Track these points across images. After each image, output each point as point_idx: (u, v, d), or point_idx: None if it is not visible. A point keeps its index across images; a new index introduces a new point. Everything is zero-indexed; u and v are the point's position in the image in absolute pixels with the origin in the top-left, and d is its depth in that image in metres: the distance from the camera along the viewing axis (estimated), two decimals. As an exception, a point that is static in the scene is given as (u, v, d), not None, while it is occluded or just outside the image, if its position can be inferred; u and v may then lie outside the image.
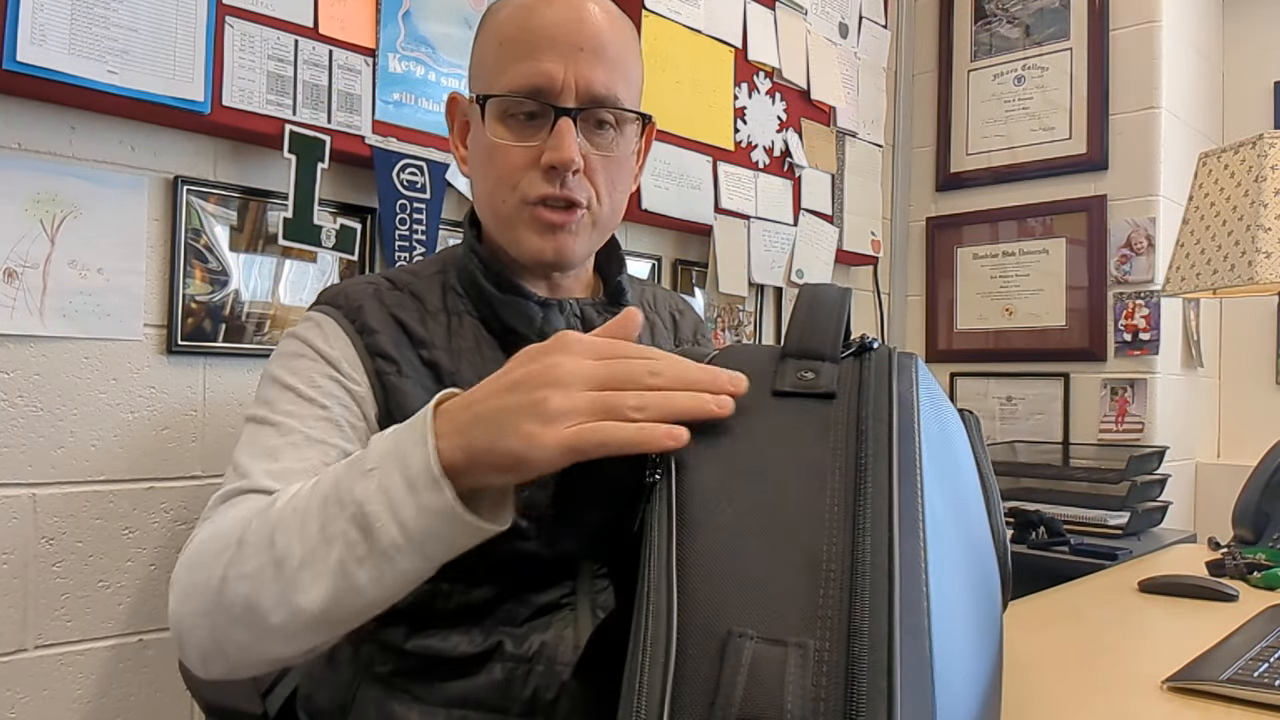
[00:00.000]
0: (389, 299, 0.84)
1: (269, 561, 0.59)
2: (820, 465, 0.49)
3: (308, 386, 0.77)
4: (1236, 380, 2.49)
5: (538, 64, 0.78)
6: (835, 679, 0.41)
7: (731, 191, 1.91)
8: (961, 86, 2.51)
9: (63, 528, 1.10)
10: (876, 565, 0.45)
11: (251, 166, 1.25)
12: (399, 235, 1.37)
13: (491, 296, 0.84)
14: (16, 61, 0.99)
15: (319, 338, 0.80)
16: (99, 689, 1.12)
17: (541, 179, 0.80)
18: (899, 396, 0.52)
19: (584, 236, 0.84)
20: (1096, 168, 2.25)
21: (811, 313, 0.57)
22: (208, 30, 1.15)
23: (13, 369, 1.06)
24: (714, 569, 0.46)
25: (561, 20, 0.79)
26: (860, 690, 0.41)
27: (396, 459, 0.57)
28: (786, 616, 0.44)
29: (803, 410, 0.53)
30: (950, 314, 2.50)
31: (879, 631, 0.42)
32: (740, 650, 0.42)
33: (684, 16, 1.80)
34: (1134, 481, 1.95)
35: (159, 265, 1.17)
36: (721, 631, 0.43)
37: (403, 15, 1.37)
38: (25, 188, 1.06)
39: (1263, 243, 1.51)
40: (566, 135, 0.78)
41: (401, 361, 0.80)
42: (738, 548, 0.46)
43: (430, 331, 0.83)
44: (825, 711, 0.41)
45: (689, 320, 1.06)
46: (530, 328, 0.83)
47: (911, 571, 0.45)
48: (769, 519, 0.47)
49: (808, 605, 0.44)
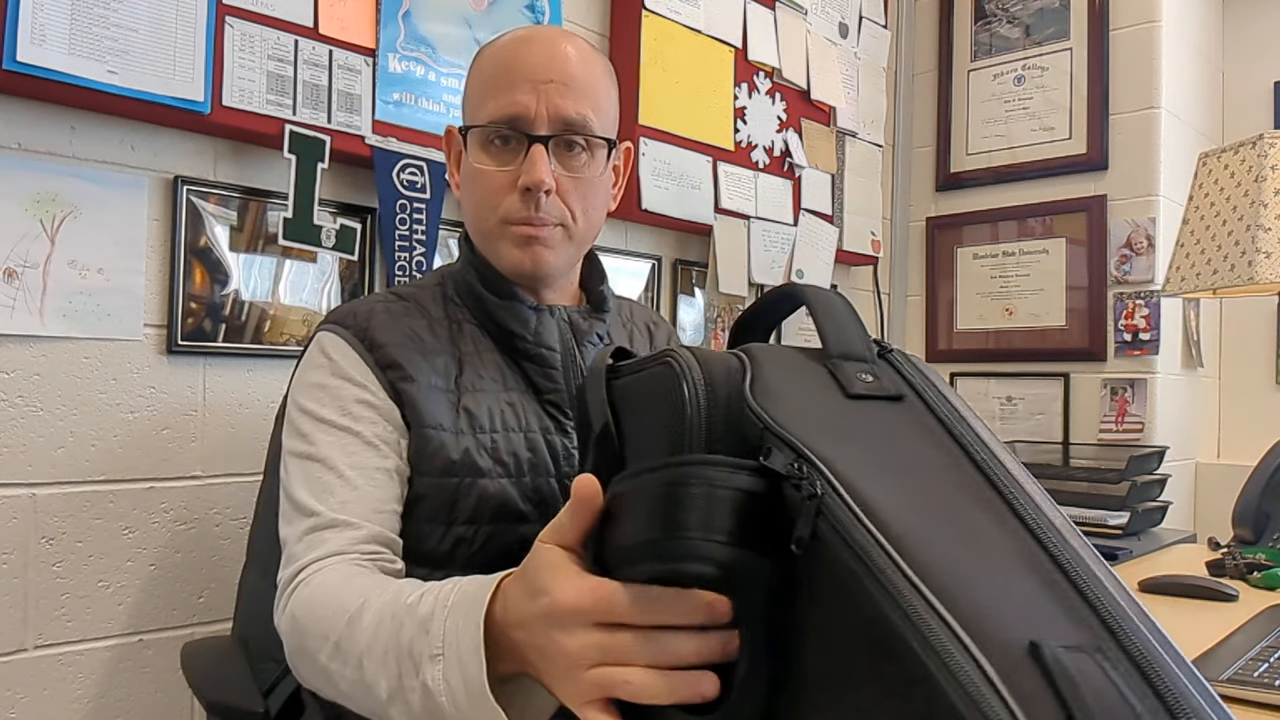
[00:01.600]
0: (396, 309, 0.91)
1: (359, 681, 0.67)
2: (945, 465, 0.48)
3: (338, 415, 0.84)
4: (1236, 380, 2.49)
5: (513, 96, 0.87)
6: (1134, 676, 0.41)
7: (731, 191, 1.91)
8: (961, 86, 2.51)
9: (63, 528, 1.10)
10: (1072, 559, 0.44)
11: (251, 166, 1.25)
12: (399, 235, 1.37)
13: (489, 302, 0.92)
14: (16, 61, 0.99)
15: (335, 359, 0.87)
16: (99, 689, 1.12)
17: (519, 201, 0.88)
18: (958, 398, 0.53)
19: (559, 249, 0.91)
20: (1096, 168, 2.25)
21: (833, 316, 0.58)
22: (208, 30, 1.15)
23: (13, 369, 1.06)
24: (954, 579, 0.42)
25: (536, 58, 0.88)
26: (1163, 684, 0.40)
27: (457, 661, 0.60)
28: (1053, 621, 0.42)
29: (881, 411, 0.52)
30: (950, 314, 2.50)
31: (1130, 624, 0.42)
32: (1059, 660, 0.40)
33: (684, 16, 1.80)
34: (1134, 481, 1.95)
35: (159, 265, 1.17)
36: (1020, 642, 0.40)
37: (403, 15, 1.37)
38: (25, 188, 1.06)
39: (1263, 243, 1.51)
40: (539, 160, 0.87)
41: (410, 367, 0.86)
42: (953, 554, 0.44)
43: (436, 336, 0.90)
44: (1152, 709, 0.40)
45: (663, 331, 1.13)
46: (525, 328, 0.91)
47: (1089, 560, 0.45)
48: (952, 523, 0.45)
49: (1060, 608, 0.43)
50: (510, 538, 0.86)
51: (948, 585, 0.42)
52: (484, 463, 0.86)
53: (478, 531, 0.85)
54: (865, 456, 0.48)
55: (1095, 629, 0.42)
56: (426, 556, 0.84)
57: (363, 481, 0.82)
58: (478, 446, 0.86)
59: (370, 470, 0.83)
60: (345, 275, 1.35)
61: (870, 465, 0.47)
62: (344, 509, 0.80)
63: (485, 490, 0.85)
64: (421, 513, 0.85)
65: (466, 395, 0.88)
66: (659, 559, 0.49)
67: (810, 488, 0.46)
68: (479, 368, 0.90)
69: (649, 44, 1.73)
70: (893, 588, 0.42)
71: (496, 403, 0.89)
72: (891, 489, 0.46)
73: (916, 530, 0.44)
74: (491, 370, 0.91)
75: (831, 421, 0.50)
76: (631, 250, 1.81)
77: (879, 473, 0.47)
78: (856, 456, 0.47)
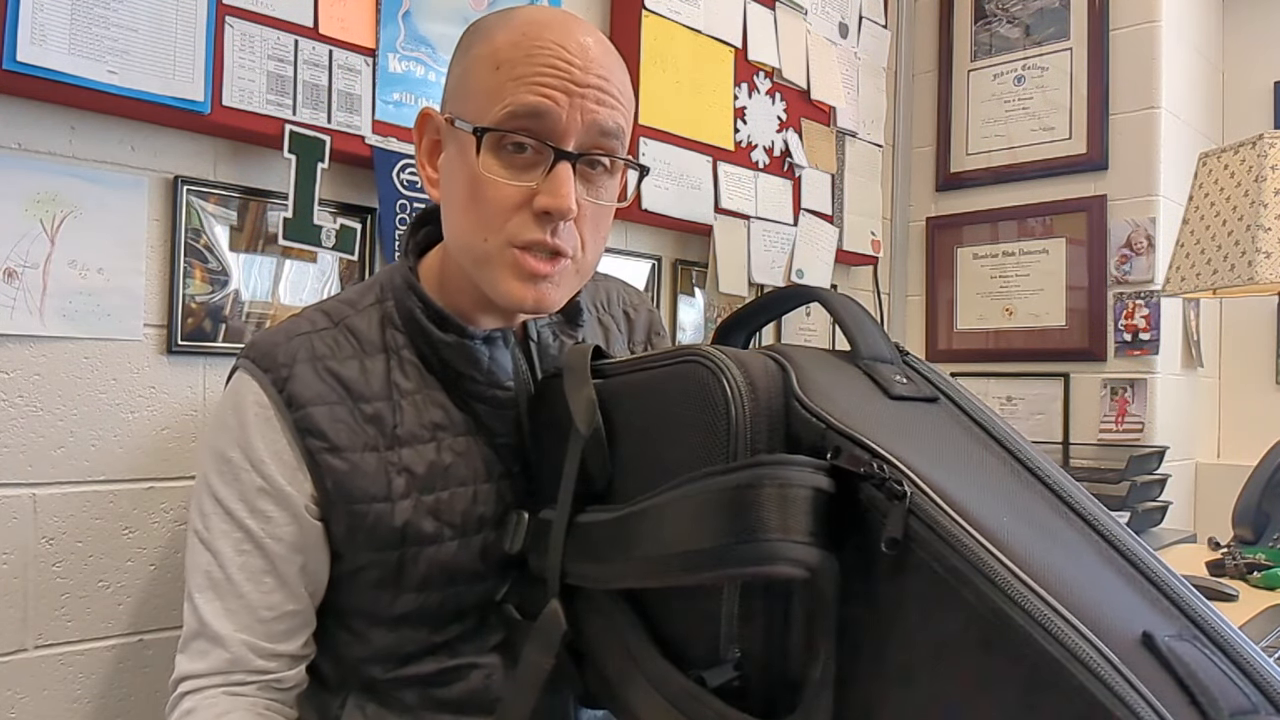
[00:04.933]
0: (323, 347, 0.80)
1: None
2: (999, 464, 0.49)
3: (237, 502, 0.79)
4: (1236, 380, 2.49)
5: (541, 99, 0.74)
6: (1224, 660, 0.41)
7: (731, 191, 1.91)
8: (961, 86, 2.51)
9: (63, 528, 1.10)
10: (1137, 551, 0.45)
11: (251, 166, 1.25)
12: (399, 235, 1.37)
13: (433, 337, 0.80)
14: (16, 61, 0.99)
15: (246, 423, 0.79)
16: (99, 689, 1.12)
17: (533, 223, 0.75)
18: (978, 399, 0.54)
19: (565, 286, 0.80)
20: (1096, 168, 2.25)
21: (856, 319, 0.58)
22: (208, 30, 1.15)
23: (13, 369, 1.06)
24: (1054, 574, 0.42)
25: (568, 54, 0.75)
26: (1249, 661, 0.41)
27: None
28: (1145, 612, 0.42)
29: (924, 413, 0.52)
30: (950, 314, 2.50)
31: (1205, 611, 0.43)
32: (1172, 649, 0.40)
33: (684, 16, 1.80)
34: (1134, 481, 1.95)
35: (159, 265, 1.17)
36: (1133, 633, 0.41)
37: (403, 15, 1.37)
38: (25, 188, 1.06)
39: (1263, 243, 1.51)
40: (565, 182, 0.74)
41: (335, 434, 0.77)
42: (1044, 549, 0.44)
43: (369, 379, 0.79)
44: (1249, 689, 0.40)
45: (643, 317, 1.04)
46: (477, 368, 0.80)
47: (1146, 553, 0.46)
48: (1029, 520, 0.45)
49: (1144, 599, 0.43)
50: (467, 599, 0.81)
51: (1052, 581, 0.41)
52: (430, 527, 0.78)
53: (430, 597, 0.80)
54: (931, 456, 0.48)
55: (1178, 618, 0.43)
56: (378, 618, 0.81)
57: (250, 588, 0.78)
58: (422, 510, 0.78)
59: (259, 574, 0.78)
60: (345, 275, 1.35)
61: (939, 465, 0.47)
62: (229, 617, 0.77)
63: (434, 558, 0.79)
64: (366, 581, 0.80)
65: (406, 450, 0.78)
66: (740, 563, 0.47)
67: (898, 487, 0.45)
68: (421, 412, 0.80)
69: (649, 44, 1.73)
70: (1006, 584, 0.41)
71: (441, 454, 0.79)
72: (966, 487, 0.46)
73: (1006, 528, 0.44)
74: (435, 414, 0.80)
75: (889, 422, 0.49)
76: (631, 250, 1.81)
77: (948, 472, 0.47)
78: (925, 456, 0.47)
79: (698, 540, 0.50)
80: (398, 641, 0.82)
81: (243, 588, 0.78)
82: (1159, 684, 0.39)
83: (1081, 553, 0.45)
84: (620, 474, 0.65)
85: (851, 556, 0.47)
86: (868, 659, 0.47)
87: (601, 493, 0.67)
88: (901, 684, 0.46)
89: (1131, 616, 0.42)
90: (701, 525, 0.50)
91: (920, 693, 0.45)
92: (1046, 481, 0.49)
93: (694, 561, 0.50)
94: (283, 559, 0.79)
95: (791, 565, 0.47)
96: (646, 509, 0.55)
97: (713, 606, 0.53)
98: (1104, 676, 0.38)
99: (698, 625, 0.54)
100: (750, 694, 0.52)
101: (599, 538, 0.63)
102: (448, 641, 0.82)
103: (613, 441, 0.65)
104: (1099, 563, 0.44)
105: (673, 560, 0.52)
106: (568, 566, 0.68)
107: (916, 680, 0.45)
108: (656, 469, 0.57)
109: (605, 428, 0.65)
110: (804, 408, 0.51)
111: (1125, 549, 0.46)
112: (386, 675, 0.82)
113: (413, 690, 0.82)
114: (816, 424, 0.50)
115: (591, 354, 0.74)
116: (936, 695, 0.44)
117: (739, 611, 0.53)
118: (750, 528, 0.47)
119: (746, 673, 0.52)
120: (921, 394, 0.53)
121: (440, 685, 0.82)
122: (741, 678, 0.52)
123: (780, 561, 0.47)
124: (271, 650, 0.79)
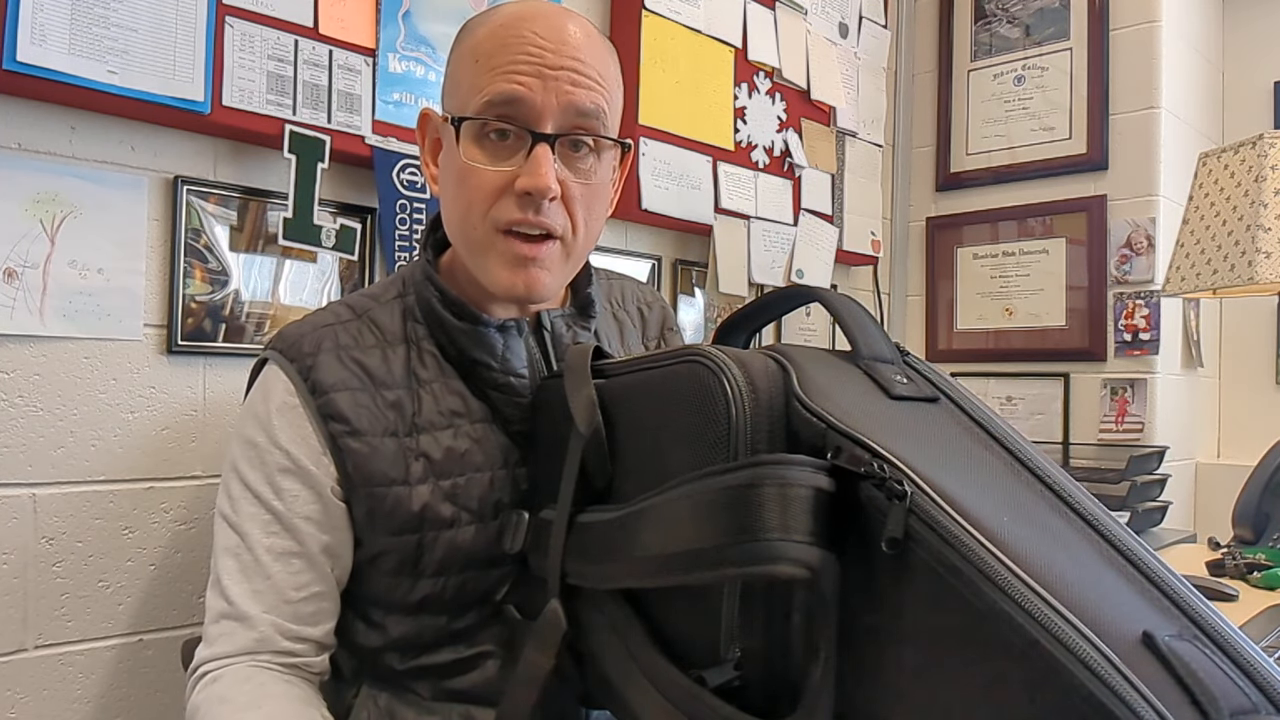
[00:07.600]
0: (347, 337, 0.83)
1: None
2: (999, 464, 0.49)
3: (263, 484, 0.80)
4: (1236, 380, 2.49)
5: (515, 82, 0.76)
6: (1225, 659, 0.41)
7: (731, 191, 1.91)
8: (961, 86, 2.51)
9: (63, 528, 1.09)
10: (1137, 551, 0.45)
11: (251, 166, 1.25)
12: (399, 235, 1.37)
13: (450, 325, 0.83)
14: (16, 61, 0.99)
15: (271, 409, 0.81)
16: (99, 689, 1.12)
17: (515, 204, 0.78)
18: (978, 399, 0.54)
19: (555, 270, 0.82)
20: (1096, 168, 2.25)
21: (857, 319, 0.58)
22: (208, 30, 1.15)
23: (13, 369, 1.06)
24: (1054, 574, 0.43)
25: (542, 40, 0.77)
26: (1249, 661, 0.41)
27: None
28: (1145, 612, 0.42)
29: (924, 412, 0.52)
30: (950, 314, 2.50)
31: (1205, 610, 0.43)
32: (1172, 648, 0.40)
33: (684, 16, 1.80)
34: (1134, 481, 1.95)
35: (159, 265, 1.17)
36: (1133, 633, 0.41)
37: (403, 15, 1.37)
38: (25, 188, 1.06)
39: (1263, 243, 1.51)
40: (543, 162, 0.76)
41: (357, 418, 0.79)
42: (1044, 549, 0.44)
43: (391, 367, 0.82)
44: (1249, 689, 0.41)
45: (656, 314, 1.05)
46: (491, 355, 0.82)
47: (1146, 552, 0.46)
48: (1030, 519, 0.46)
49: (1144, 599, 0.43)
50: (484, 584, 0.82)
51: (1052, 580, 0.42)
52: (448, 511, 0.80)
53: (448, 582, 0.81)
54: (932, 456, 0.48)
55: (1178, 617, 0.43)
56: (396, 606, 0.82)
57: (278, 569, 0.79)
58: (439, 495, 0.80)
59: (287, 556, 0.79)
60: (345, 275, 1.35)
61: (939, 465, 0.47)
62: (256, 599, 0.78)
63: (453, 541, 0.80)
64: (385, 567, 0.81)
65: (425, 436, 0.81)
66: (740, 563, 0.47)
67: (898, 487, 0.45)
68: (439, 400, 0.82)
69: (649, 44, 1.73)
70: (1006, 584, 0.41)
71: (458, 440, 0.82)
72: (967, 487, 0.46)
73: (1007, 528, 0.44)
74: (453, 401, 0.83)
75: (889, 422, 0.49)
76: (631, 250, 1.81)
77: (949, 472, 0.47)
78: (925, 456, 0.47)
79: (698, 540, 0.50)
80: (416, 629, 0.82)
81: (270, 569, 0.79)
82: (1159, 684, 0.39)
83: (1082, 552, 0.45)
84: (620, 474, 0.65)
85: (852, 556, 0.47)
86: (868, 659, 0.47)
87: (602, 493, 0.67)
88: (901, 683, 0.46)
89: (1132, 616, 0.42)
90: (702, 525, 0.50)
91: (920, 692, 0.45)
92: (1046, 481, 0.49)
93: (694, 561, 0.50)
94: (310, 537, 0.80)
95: (792, 565, 0.47)
96: (647, 509, 0.55)
97: (713, 606, 0.53)
98: (1104, 676, 0.39)
99: (698, 625, 0.54)
100: (750, 694, 0.52)
101: (599, 537, 0.63)
102: (465, 629, 0.83)
103: (613, 441, 0.65)
104: (1099, 562, 0.45)
105: (673, 560, 0.52)
106: (568, 566, 0.69)
107: (916, 679, 0.45)
108: (656, 469, 0.57)
109: (605, 428, 0.65)
110: (804, 407, 0.51)
111: (1125, 549, 0.46)
112: (404, 665, 0.83)
113: (427, 681, 0.83)
114: (817, 424, 0.50)
115: (592, 354, 0.74)
116: (936, 694, 0.44)
117: (739, 611, 0.53)
118: (751, 527, 0.47)
119: (747, 672, 0.52)
120: (922, 394, 0.53)
121: (454, 675, 0.82)
122: (742, 677, 0.52)
123: (780, 561, 0.47)
124: (297, 633, 0.79)
